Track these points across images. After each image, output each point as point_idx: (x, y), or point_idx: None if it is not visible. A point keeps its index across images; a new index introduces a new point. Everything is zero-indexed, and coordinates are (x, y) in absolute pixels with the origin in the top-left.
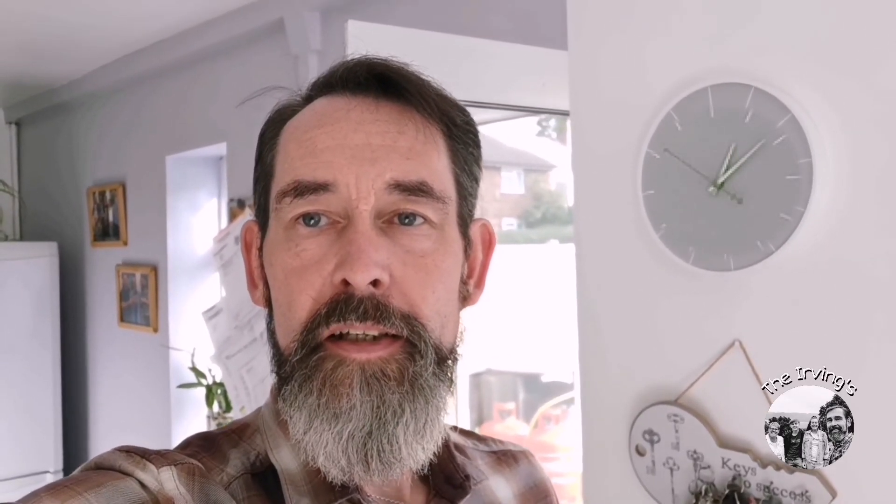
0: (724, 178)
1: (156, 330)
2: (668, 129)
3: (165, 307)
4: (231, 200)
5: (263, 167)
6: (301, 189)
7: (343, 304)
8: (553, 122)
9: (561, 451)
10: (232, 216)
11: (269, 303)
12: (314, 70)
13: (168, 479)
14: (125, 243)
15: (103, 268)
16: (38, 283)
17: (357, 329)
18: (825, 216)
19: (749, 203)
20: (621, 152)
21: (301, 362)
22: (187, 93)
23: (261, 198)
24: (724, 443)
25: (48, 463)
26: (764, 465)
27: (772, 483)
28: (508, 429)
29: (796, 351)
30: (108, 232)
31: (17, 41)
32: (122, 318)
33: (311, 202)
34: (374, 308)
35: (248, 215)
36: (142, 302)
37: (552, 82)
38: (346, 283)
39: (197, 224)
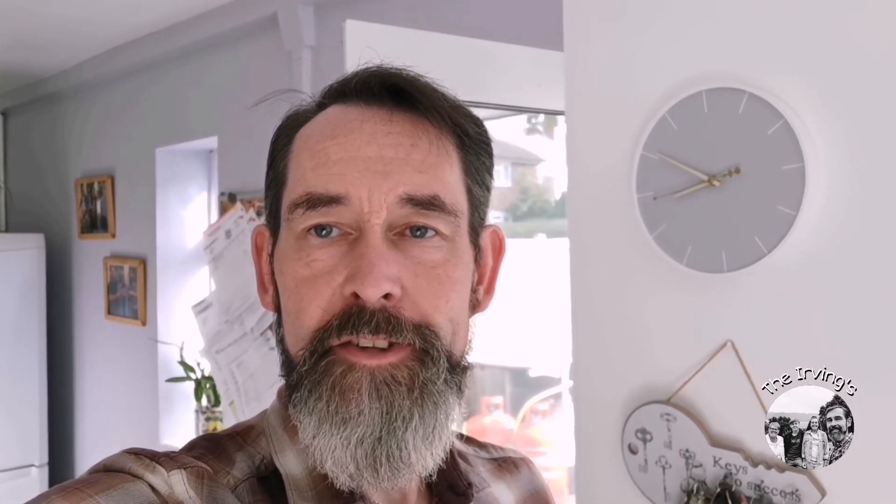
0: (718, 181)
1: (144, 323)
2: (663, 131)
3: (154, 300)
4: (222, 194)
5: (275, 174)
6: (313, 201)
7: (355, 316)
8: (541, 117)
9: (548, 446)
10: (223, 210)
11: (278, 308)
12: (308, 65)
13: (178, 483)
14: (113, 236)
15: (91, 260)
16: (24, 276)
17: (368, 342)
18: (817, 219)
19: (743, 205)
20: (616, 154)
21: (310, 369)
22: (178, 85)
23: (272, 204)
24: (715, 442)
25: (33, 457)
26: (755, 464)
27: (762, 482)
28: (496, 423)
29: (787, 351)
30: (95, 224)
31: (5, 31)
32: (110, 310)
33: (323, 214)
34: (385, 321)
35: (238, 209)
36: (130, 295)
37: (548, 83)
38: (356, 295)
39: (187, 217)
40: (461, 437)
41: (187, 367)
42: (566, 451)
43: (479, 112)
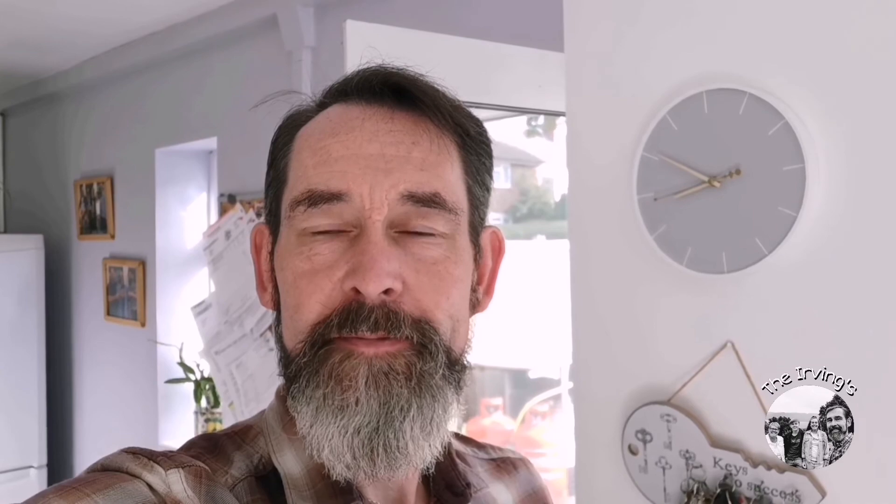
0: (718, 182)
1: (143, 324)
2: (664, 132)
3: (153, 301)
4: (221, 195)
5: (276, 173)
6: (315, 198)
7: (354, 313)
8: (541, 118)
9: (547, 447)
10: (222, 211)
11: (277, 306)
12: (308, 66)
13: (176, 482)
14: (112, 237)
15: (90, 261)
16: (23, 277)
17: (368, 339)
18: (817, 220)
19: (743, 206)
20: (617, 155)
21: (309, 360)
22: (178, 86)
23: (272, 203)
24: (715, 442)
25: (32, 458)
26: (755, 465)
27: (762, 482)
28: (495, 424)
29: (787, 352)
30: (95, 225)
31: (5, 31)
32: (109, 312)
33: (325, 212)
34: (384, 318)
35: (238, 210)
36: (129, 296)
37: (549, 84)
38: (356, 290)
39: (186, 218)
40: (459, 437)
41: (186, 369)
42: (566, 453)
43: (479, 113)
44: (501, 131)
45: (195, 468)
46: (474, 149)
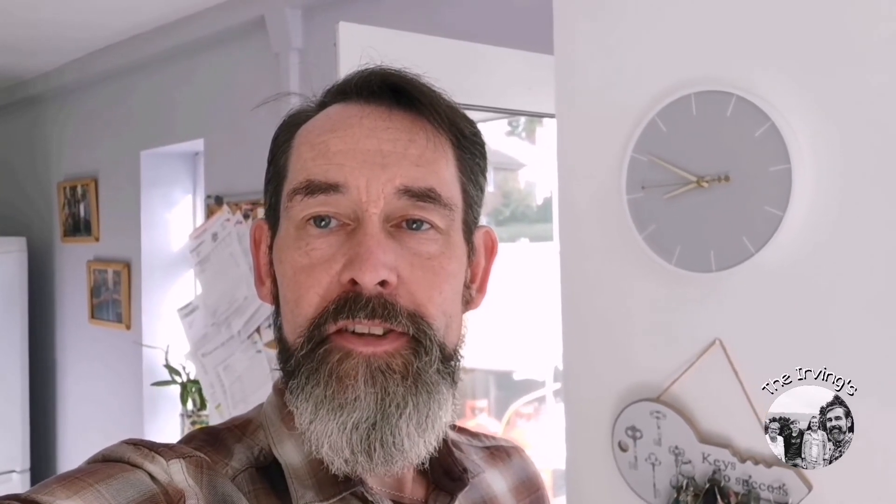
0: (706, 183)
1: (129, 327)
2: (652, 133)
3: (139, 304)
4: (208, 197)
5: (276, 169)
6: (312, 188)
7: (351, 301)
8: (522, 121)
9: (532, 449)
10: (209, 213)
11: (275, 300)
12: (295, 68)
13: (177, 472)
14: (97, 239)
15: (74, 264)
16: (6, 279)
17: (364, 326)
18: (803, 219)
19: (731, 206)
20: (606, 156)
21: (307, 356)
22: (164, 88)
23: (272, 198)
24: (704, 438)
25: (15, 462)
26: (743, 460)
27: (750, 477)
28: (480, 426)
29: (774, 349)
30: (79, 227)
31: None
32: (94, 314)
33: (322, 202)
34: (381, 307)
35: (225, 212)
36: (114, 298)
37: (538, 86)
38: (353, 282)
39: (172, 220)
40: (453, 427)
41: (173, 371)
42: (551, 454)
43: (469, 115)
44: (483, 132)
45: (196, 458)
46: (469, 149)
